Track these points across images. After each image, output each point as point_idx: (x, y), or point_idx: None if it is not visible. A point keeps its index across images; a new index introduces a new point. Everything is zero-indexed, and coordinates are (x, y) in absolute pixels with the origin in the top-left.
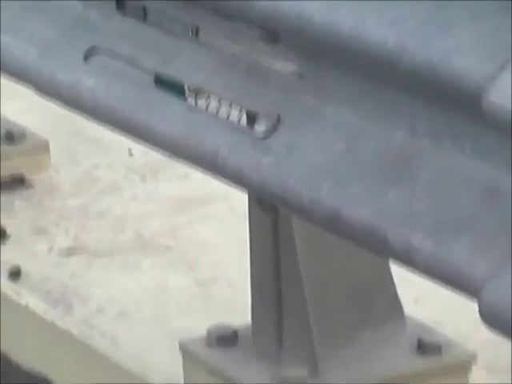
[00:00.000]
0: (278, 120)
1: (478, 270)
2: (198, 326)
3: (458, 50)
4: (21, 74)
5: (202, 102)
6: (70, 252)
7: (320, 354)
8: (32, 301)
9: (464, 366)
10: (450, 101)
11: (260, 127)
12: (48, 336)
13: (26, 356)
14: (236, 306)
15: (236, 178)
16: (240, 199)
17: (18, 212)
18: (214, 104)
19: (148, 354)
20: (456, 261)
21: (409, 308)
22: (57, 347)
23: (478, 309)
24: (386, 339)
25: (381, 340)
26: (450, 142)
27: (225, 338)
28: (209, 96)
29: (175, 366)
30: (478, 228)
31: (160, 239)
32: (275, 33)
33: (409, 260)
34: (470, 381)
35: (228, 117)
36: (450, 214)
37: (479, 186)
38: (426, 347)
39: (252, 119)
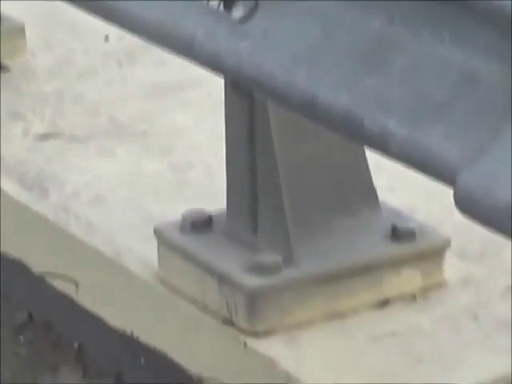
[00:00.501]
0: (256, 5)
1: (454, 156)
2: (173, 210)
3: None
4: None
5: None
6: (45, 137)
7: (295, 240)
8: (7, 184)
9: (438, 251)
10: None
11: (237, 12)
12: (23, 220)
13: (1, 240)
14: (211, 192)
15: (212, 63)
16: (216, 85)
17: None
18: None
19: (123, 239)
20: (431, 146)
21: (383, 195)
22: (31, 231)
23: (452, 195)
24: (360, 227)
25: (356, 227)
26: (429, 32)
27: (199, 223)
28: None
29: (150, 250)
30: (454, 114)
31: (135, 124)
32: None
33: (384, 146)
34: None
35: (208, 1)
36: (426, 100)
37: (456, 74)
38: (400, 234)
39: (229, 4)
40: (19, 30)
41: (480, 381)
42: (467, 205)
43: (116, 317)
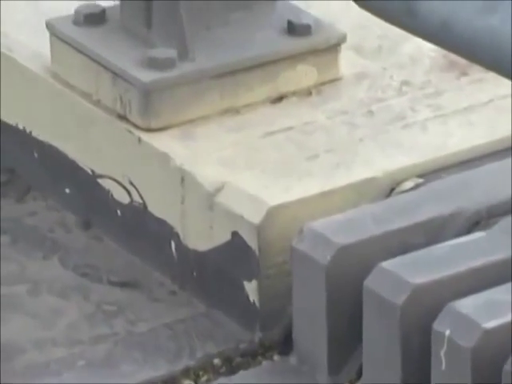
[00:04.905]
0: None
1: None
2: (66, 6)
3: None
4: None
5: None
6: None
7: (190, 34)
8: None
9: (334, 46)
10: None
11: None
12: None
13: None
14: None
15: None
16: None
17: None
18: None
19: (15, 33)
20: None
21: None
22: None
23: None
24: (257, 21)
25: (252, 22)
26: None
27: (93, 17)
28: None
29: (42, 45)
30: None
31: None
32: None
33: None
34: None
35: None
36: None
37: None
38: (296, 29)
39: None
40: None
41: (374, 175)
42: None
43: (8, 112)
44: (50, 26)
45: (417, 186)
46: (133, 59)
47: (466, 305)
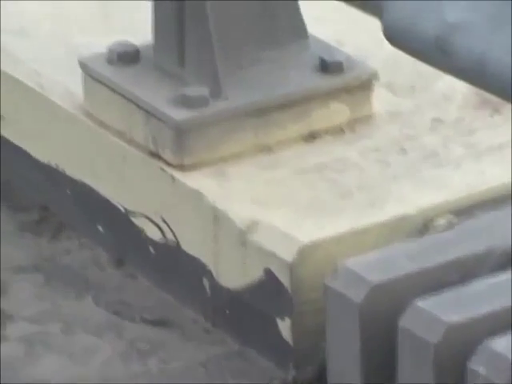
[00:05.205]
0: None
1: None
2: (99, 44)
3: None
4: None
5: None
6: None
7: (222, 72)
8: None
9: (366, 84)
10: None
11: None
12: None
13: None
14: (137, 25)
15: None
16: None
17: None
18: None
19: (47, 71)
20: None
21: (312, 28)
22: None
23: (381, 26)
24: (289, 59)
25: (284, 60)
26: None
27: (126, 55)
28: None
29: (75, 83)
30: None
31: None
32: None
33: None
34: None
35: None
36: None
37: None
38: (328, 66)
39: None
40: None
41: (407, 212)
42: (396, 35)
43: (41, 150)
44: (82, 64)
45: (450, 224)
46: (166, 97)
47: (501, 343)
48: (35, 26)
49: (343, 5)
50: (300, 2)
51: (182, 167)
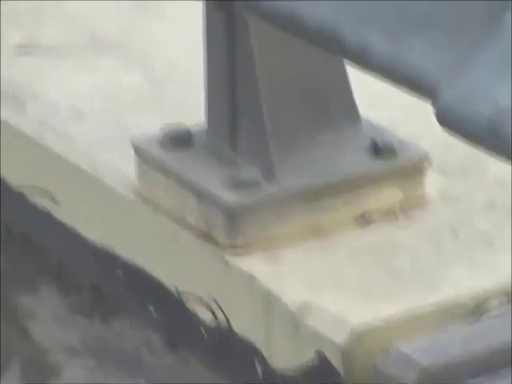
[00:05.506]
0: None
1: (435, 70)
2: (152, 125)
3: None
4: None
5: None
6: (23, 50)
7: (275, 155)
8: None
9: (419, 167)
10: None
11: None
12: (0, 135)
13: None
14: (190, 106)
15: None
16: None
17: None
18: None
19: (101, 153)
20: (412, 61)
21: (364, 110)
22: (9, 146)
23: (433, 110)
24: (341, 142)
25: (336, 143)
26: None
27: (179, 138)
28: None
29: (128, 164)
30: (435, 26)
31: (115, 37)
32: None
33: (365, 60)
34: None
35: None
36: (408, 12)
37: None
38: (380, 149)
39: None
40: None
41: (460, 296)
42: (448, 119)
43: (94, 231)
44: (135, 146)
45: (503, 307)
46: (218, 180)
47: None
48: (88, 106)
49: (395, 88)
50: (352, 85)
51: (234, 249)
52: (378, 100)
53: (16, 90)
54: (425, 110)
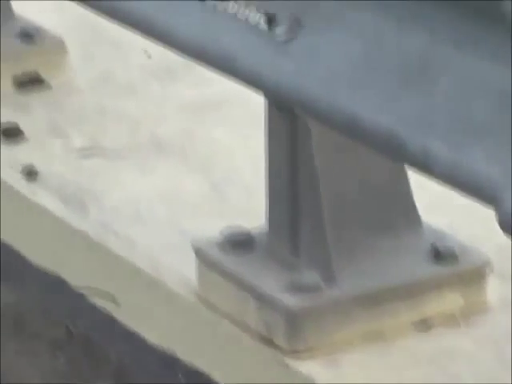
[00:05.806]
0: (299, 23)
1: (497, 176)
2: (212, 228)
3: None
4: None
5: (220, 3)
6: (85, 153)
7: (335, 260)
8: (48, 201)
9: (480, 273)
10: (470, 5)
11: (280, 30)
12: (63, 237)
13: (41, 256)
14: (251, 210)
15: (254, 81)
16: (257, 102)
17: (34, 112)
18: (233, 5)
19: (162, 256)
20: (474, 167)
21: (425, 215)
22: (71, 248)
23: (496, 215)
24: (402, 247)
25: (397, 247)
26: (470, 48)
27: (239, 242)
28: None
29: (189, 267)
30: (496, 134)
31: (176, 141)
32: None
33: (426, 166)
34: None
35: (247, 19)
36: (469, 120)
37: (498, 92)
38: (441, 254)
39: (271, 22)
40: (59, 45)
41: None
42: (511, 225)
43: (155, 334)
44: (196, 249)
45: None
46: (278, 284)
47: None
48: (151, 210)
49: (456, 194)
50: (413, 190)
51: (294, 353)
52: (439, 204)
53: (78, 193)
54: (486, 213)
